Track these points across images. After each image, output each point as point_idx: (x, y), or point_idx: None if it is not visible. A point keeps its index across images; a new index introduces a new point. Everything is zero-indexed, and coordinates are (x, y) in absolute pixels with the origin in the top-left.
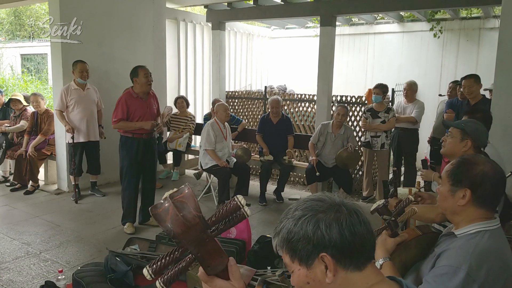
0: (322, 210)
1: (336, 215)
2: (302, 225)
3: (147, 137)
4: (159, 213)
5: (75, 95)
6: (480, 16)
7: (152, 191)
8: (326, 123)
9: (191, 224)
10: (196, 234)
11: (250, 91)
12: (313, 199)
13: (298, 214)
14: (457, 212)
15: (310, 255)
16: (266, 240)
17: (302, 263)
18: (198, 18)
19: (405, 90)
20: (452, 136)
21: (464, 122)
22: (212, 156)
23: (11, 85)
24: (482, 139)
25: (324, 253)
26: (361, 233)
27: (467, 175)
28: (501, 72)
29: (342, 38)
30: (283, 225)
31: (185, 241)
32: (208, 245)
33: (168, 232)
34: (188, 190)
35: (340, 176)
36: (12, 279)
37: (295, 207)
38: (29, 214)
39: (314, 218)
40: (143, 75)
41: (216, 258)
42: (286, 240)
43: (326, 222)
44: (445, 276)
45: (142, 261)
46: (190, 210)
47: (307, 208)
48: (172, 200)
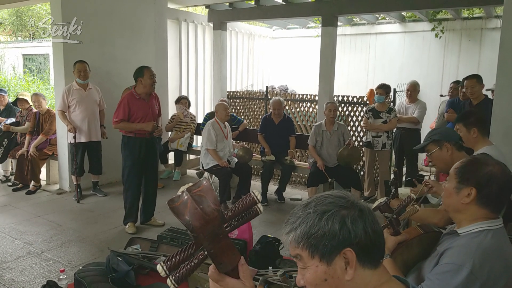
0: (345, 207)
1: (360, 213)
2: (327, 220)
3: (150, 137)
4: (177, 206)
5: (76, 95)
6: (482, 16)
7: (154, 191)
8: (319, 123)
9: (210, 218)
10: (213, 228)
11: (252, 91)
12: (334, 195)
13: (321, 209)
14: (460, 210)
15: (333, 251)
16: (267, 240)
17: (323, 259)
18: (200, 18)
19: (408, 91)
20: (431, 152)
21: (426, 136)
22: (213, 155)
23: (13, 85)
24: (453, 135)
25: (349, 248)
26: (379, 231)
27: (474, 174)
28: (503, 72)
29: (343, 38)
30: (302, 220)
31: (202, 235)
32: (222, 242)
33: (187, 225)
34: (207, 183)
35: (346, 175)
36: (14, 279)
37: (314, 202)
38: (31, 214)
39: (339, 214)
40: (148, 76)
41: (228, 255)
42: (307, 235)
43: (351, 218)
44: (448, 274)
45: (143, 261)
46: (209, 204)
47: (330, 203)
48: (191, 193)
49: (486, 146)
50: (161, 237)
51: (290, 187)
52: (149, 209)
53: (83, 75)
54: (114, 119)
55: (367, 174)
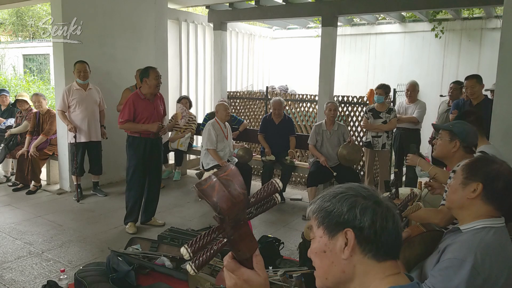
0: (364, 196)
1: (374, 205)
2: (340, 199)
3: (154, 137)
4: (205, 189)
5: (76, 95)
6: (482, 16)
7: (157, 191)
8: (319, 123)
9: (236, 201)
10: (238, 212)
11: (252, 92)
12: (360, 186)
13: (340, 190)
14: (464, 206)
15: (336, 227)
16: (268, 240)
17: (326, 232)
18: (200, 19)
19: (408, 91)
20: (441, 138)
21: (452, 124)
22: (213, 155)
23: (14, 86)
24: (470, 139)
25: (349, 229)
26: (389, 230)
27: (482, 170)
28: (503, 72)
29: (343, 38)
30: (322, 196)
31: (227, 218)
32: (242, 228)
33: (214, 207)
34: (234, 167)
35: (346, 175)
36: (14, 279)
37: (341, 187)
38: (31, 214)
39: (353, 198)
40: (153, 77)
41: (247, 242)
42: (320, 207)
43: (362, 206)
44: (451, 269)
45: (144, 261)
46: (235, 187)
47: (351, 188)
48: (218, 177)
49: (484, 145)
50: (161, 237)
51: (290, 187)
52: (151, 209)
53: (83, 75)
54: (120, 119)
55: (367, 174)
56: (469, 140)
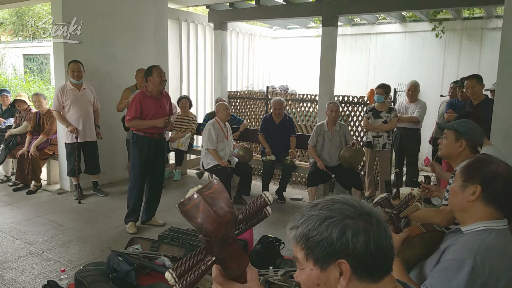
0: (352, 216)
1: (365, 225)
2: (327, 226)
3: (159, 138)
4: (188, 209)
5: (70, 95)
6: (482, 16)
7: (159, 192)
8: (320, 123)
9: (223, 221)
10: (226, 231)
11: (252, 91)
12: (343, 201)
13: (325, 214)
14: (465, 209)
15: (328, 259)
16: (268, 240)
17: (317, 264)
18: (200, 18)
19: (410, 91)
20: (447, 138)
21: (458, 123)
22: (213, 155)
23: (14, 85)
24: (476, 138)
25: (343, 260)
26: (385, 248)
27: (479, 171)
28: (504, 72)
29: (344, 38)
30: (305, 220)
31: (214, 239)
32: (231, 246)
33: (199, 229)
34: (219, 184)
35: (347, 175)
36: (15, 279)
37: (321, 204)
38: (32, 213)
39: (341, 223)
40: (157, 74)
41: (237, 260)
42: (305, 236)
43: (353, 230)
44: (450, 271)
45: (144, 260)
46: (221, 206)
47: (336, 210)
48: (202, 195)
49: (486, 147)
50: (161, 237)
51: (290, 187)
52: (152, 209)
53: (77, 75)
54: (127, 117)
55: (367, 174)
56: (475, 140)
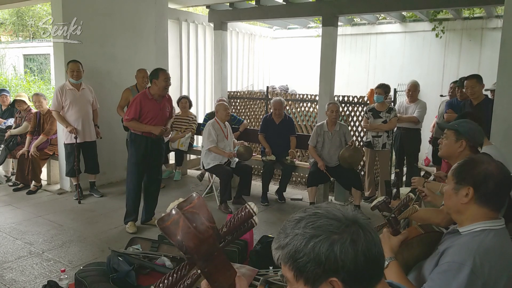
0: (337, 232)
1: (352, 237)
2: (314, 246)
3: (156, 137)
4: (167, 226)
5: (70, 95)
6: (482, 16)
7: (156, 191)
8: (320, 123)
9: (204, 237)
10: (208, 247)
11: (252, 91)
12: (326, 216)
13: (310, 233)
14: (460, 211)
15: (318, 279)
16: (268, 240)
17: (308, 284)
18: (200, 19)
19: (410, 91)
20: (447, 138)
21: (458, 123)
22: (216, 151)
23: (14, 86)
24: (477, 138)
25: (334, 279)
26: (374, 256)
27: (470, 173)
28: (504, 72)
29: (344, 38)
30: (290, 240)
31: (196, 256)
32: (216, 260)
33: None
34: (199, 198)
35: (347, 176)
36: (15, 279)
37: (305, 222)
38: (32, 213)
39: (328, 241)
40: (163, 79)
41: (224, 273)
42: (292, 258)
43: (341, 247)
44: (449, 273)
45: (144, 260)
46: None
47: (320, 228)
48: (182, 211)
49: (486, 146)
50: (161, 237)
51: (290, 187)
52: (150, 208)
53: (76, 74)
54: (126, 116)
55: (367, 174)
56: (476, 140)
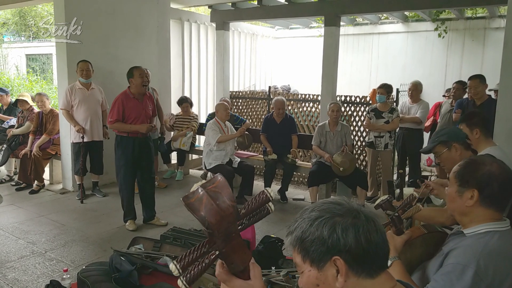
0: (340, 214)
1: (353, 221)
2: (318, 226)
3: (142, 137)
4: (192, 202)
5: (79, 95)
6: (485, 16)
7: (151, 190)
8: (322, 123)
9: (225, 214)
10: (228, 225)
11: (254, 91)
12: (331, 202)
13: (315, 215)
14: (465, 213)
15: (323, 257)
16: (270, 240)
17: (314, 264)
18: (202, 18)
19: (410, 91)
20: (440, 153)
21: (434, 138)
22: (225, 138)
23: (17, 85)
24: (460, 134)
25: (337, 257)
26: (376, 241)
27: (473, 175)
28: (507, 72)
29: (346, 38)
30: (298, 224)
31: (217, 232)
32: (234, 241)
33: (202, 221)
34: (222, 179)
35: (352, 174)
36: (18, 278)
37: (311, 208)
38: (34, 213)
39: (331, 221)
40: (138, 76)
41: (240, 254)
42: (299, 239)
43: (342, 226)
44: (453, 275)
45: (146, 260)
46: (224, 200)
47: (325, 210)
48: (206, 189)
49: (490, 147)
50: (164, 237)
51: (292, 187)
52: (149, 207)
53: (86, 74)
54: (109, 119)
55: (369, 174)
56: (460, 136)
